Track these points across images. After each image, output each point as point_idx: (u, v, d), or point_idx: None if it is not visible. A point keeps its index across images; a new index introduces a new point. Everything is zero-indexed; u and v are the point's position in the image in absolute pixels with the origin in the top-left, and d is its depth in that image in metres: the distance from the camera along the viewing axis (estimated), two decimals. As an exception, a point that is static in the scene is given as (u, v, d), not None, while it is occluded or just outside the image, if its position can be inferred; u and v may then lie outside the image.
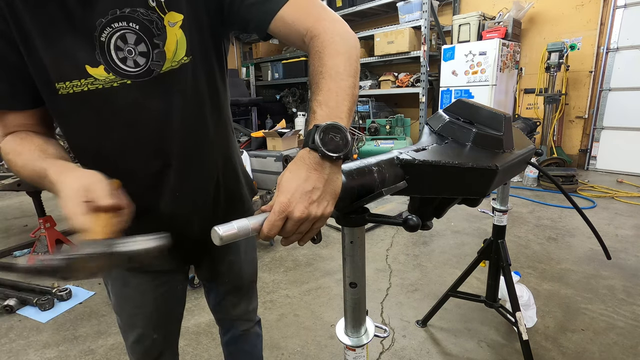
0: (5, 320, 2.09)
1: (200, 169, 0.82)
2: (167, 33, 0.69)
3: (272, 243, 2.95)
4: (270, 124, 6.78)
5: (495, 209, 1.60)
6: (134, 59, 0.68)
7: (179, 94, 0.73)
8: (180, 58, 0.71)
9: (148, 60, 0.69)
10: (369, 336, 0.66)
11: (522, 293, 1.77)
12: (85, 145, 0.75)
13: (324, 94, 0.57)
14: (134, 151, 0.75)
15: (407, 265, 2.53)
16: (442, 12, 5.43)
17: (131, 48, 0.68)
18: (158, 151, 0.75)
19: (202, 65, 0.74)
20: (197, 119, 0.78)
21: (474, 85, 4.46)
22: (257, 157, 4.32)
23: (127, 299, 0.91)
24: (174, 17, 0.69)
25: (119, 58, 0.68)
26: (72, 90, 0.68)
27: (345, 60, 0.60)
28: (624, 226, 3.00)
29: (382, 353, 1.73)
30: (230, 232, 0.47)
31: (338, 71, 0.59)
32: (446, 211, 0.77)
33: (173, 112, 0.73)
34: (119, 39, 0.67)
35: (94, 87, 0.68)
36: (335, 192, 0.52)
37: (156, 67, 0.70)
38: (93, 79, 0.67)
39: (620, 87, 4.39)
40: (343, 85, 0.58)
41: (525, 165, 0.99)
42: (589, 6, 4.38)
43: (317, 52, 0.62)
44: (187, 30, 0.70)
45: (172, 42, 0.69)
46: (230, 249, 1.00)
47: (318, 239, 0.55)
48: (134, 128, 0.73)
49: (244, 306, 1.13)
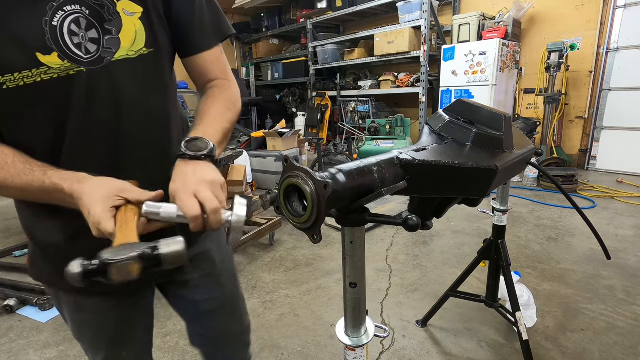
0: (5, 320, 2.09)
1: (159, 163, 0.77)
2: (122, 20, 0.66)
3: (272, 243, 2.95)
4: (270, 124, 6.79)
5: (495, 209, 1.60)
6: (85, 45, 0.64)
7: (137, 86, 0.70)
8: (139, 49, 0.69)
9: (99, 47, 0.65)
10: (369, 336, 0.66)
11: (522, 293, 1.77)
12: (33, 144, 0.66)
13: (206, 125, 0.73)
14: (91, 147, 0.69)
15: (407, 265, 2.53)
16: (442, 12, 5.43)
17: (83, 33, 0.63)
18: (115, 147, 0.70)
19: (160, 59, 0.73)
20: (159, 113, 0.76)
21: (474, 85, 4.46)
22: (257, 157, 4.32)
23: (85, 324, 0.83)
24: (131, 7, 0.67)
25: (73, 44, 0.63)
26: (23, 82, 0.60)
27: (233, 112, 0.80)
28: (624, 226, 3.00)
29: (382, 353, 1.73)
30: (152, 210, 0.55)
31: (224, 113, 0.78)
32: (446, 211, 0.77)
33: (130, 104, 0.70)
34: (73, 23, 0.62)
35: (48, 77, 0.61)
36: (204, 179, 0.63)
37: (107, 55, 0.66)
38: (46, 67, 0.61)
39: (620, 87, 4.39)
40: (224, 126, 0.76)
41: (525, 165, 0.99)
42: (589, 6, 4.38)
43: (213, 96, 0.79)
44: (147, 23, 0.69)
45: (130, 31, 0.67)
46: (202, 258, 0.89)
47: (318, 239, 0.55)
48: (89, 121, 0.67)
49: (237, 327, 1.01)
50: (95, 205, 0.55)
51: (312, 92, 6.61)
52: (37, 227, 0.76)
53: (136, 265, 0.47)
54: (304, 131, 6.36)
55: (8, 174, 0.61)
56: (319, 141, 4.73)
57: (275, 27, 7.34)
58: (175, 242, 0.51)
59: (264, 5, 7.13)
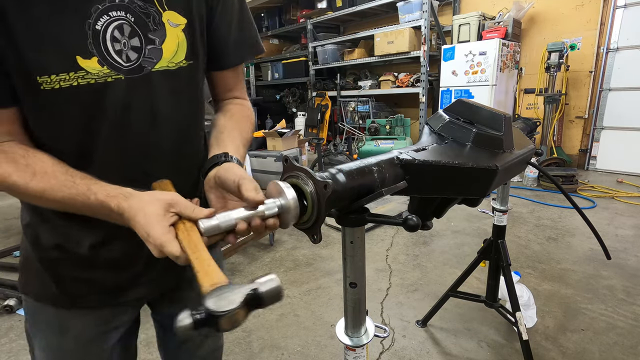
0: (5, 320, 2.09)
1: (185, 180, 0.76)
2: (166, 31, 0.66)
3: (272, 243, 2.95)
4: (270, 124, 6.79)
5: (495, 209, 1.60)
6: (126, 52, 0.63)
7: (172, 97, 0.69)
8: (180, 60, 0.68)
9: (140, 56, 0.64)
10: (369, 336, 0.66)
11: (522, 293, 1.77)
12: (65, 148, 0.64)
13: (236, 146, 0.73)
14: (118, 156, 0.67)
15: (407, 265, 2.53)
16: (442, 12, 5.43)
17: (125, 41, 0.62)
18: (145, 157, 0.69)
19: (197, 72, 0.73)
20: (189, 126, 0.75)
21: (474, 85, 4.46)
22: (257, 157, 4.32)
23: (66, 353, 0.74)
24: (175, 18, 0.66)
25: (115, 50, 0.61)
26: (59, 85, 0.58)
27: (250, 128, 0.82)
28: (624, 226, 3.00)
29: (382, 353, 1.73)
30: (212, 224, 0.50)
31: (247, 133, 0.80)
32: (446, 211, 0.77)
33: (165, 115, 0.69)
34: (117, 29, 0.61)
35: (85, 82, 0.59)
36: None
37: (147, 65, 0.65)
38: (84, 72, 0.59)
39: (620, 87, 4.39)
40: (245, 141, 0.77)
41: (525, 165, 0.99)
42: (589, 6, 4.38)
43: (233, 114, 0.80)
44: (189, 35, 0.68)
45: (173, 43, 0.67)
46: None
47: (318, 239, 0.55)
48: (122, 130, 0.65)
49: (212, 343, 0.96)
50: (154, 226, 0.51)
51: (312, 92, 6.61)
52: (46, 230, 0.71)
53: (243, 312, 0.45)
54: (304, 131, 6.36)
55: (48, 185, 0.57)
56: (319, 141, 4.73)
57: (275, 27, 7.34)
58: (271, 280, 0.48)
59: (264, 5, 7.13)
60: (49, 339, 0.74)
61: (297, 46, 7.24)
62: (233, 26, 0.75)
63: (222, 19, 0.73)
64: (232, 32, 0.75)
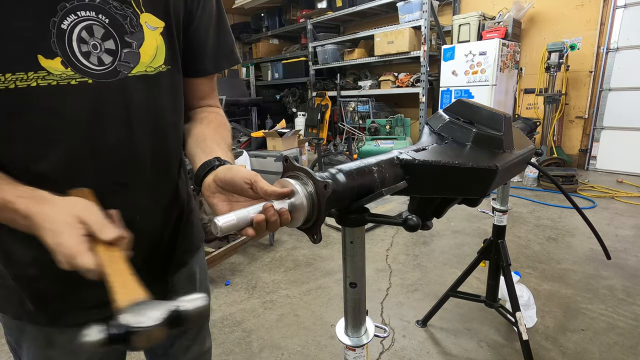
0: (5, 320, 2.09)
1: (167, 183, 0.73)
2: (144, 34, 0.62)
3: (272, 243, 2.95)
4: (270, 124, 6.79)
5: (495, 209, 1.60)
6: (98, 55, 0.58)
7: (151, 103, 0.66)
8: (158, 65, 0.65)
9: (115, 60, 0.60)
10: (369, 336, 0.66)
11: (522, 293, 1.77)
12: (13, 158, 0.57)
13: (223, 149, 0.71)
14: (85, 166, 0.61)
15: (407, 265, 2.53)
16: (442, 12, 5.43)
17: (97, 43, 0.58)
18: (119, 166, 0.65)
19: (176, 76, 0.70)
20: (169, 133, 0.71)
21: (474, 85, 4.46)
22: (257, 157, 4.32)
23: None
24: (154, 21, 0.64)
25: (81, 52, 0.57)
26: (14, 85, 0.53)
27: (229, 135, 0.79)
28: (624, 226, 3.00)
29: (382, 353, 1.73)
30: (230, 223, 0.47)
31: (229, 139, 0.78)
32: (446, 211, 0.77)
33: (142, 122, 0.65)
34: (85, 30, 0.57)
35: (45, 83, 0.55)
36: None
37: (124, 69, 0.61)
38: (45, 72, 0.54)
39: (620, 87, 4.39)
40: (229, 147, 0.75)
41: (525, 165, 0.99)
42: (589, 6, 4.38)
43: (210, 121, 0.78)
44: (167, 38, 0.66)
45: (152, 46, 0.64)
46: (187, 279, 0.86)
47: (318, 239, 0.55)
48: (88, 137, 0.60)
49: (198, 348, 0.94)
50: (62, 236, 0.47)
51: (312, 92, 6.61)
52: (17, 244, 0.64)
53: (162, 330, 0.41)
54: (304, 131, 6.36)
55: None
56: (319, 141, 4.73)
57: (275, 27, 7.34)
58: (197, 299, 0.45)
59: (264, 5, 7.13)
60: (35, 350, 0.70)
61: (297, 46, 7.24)
62: (211, 33, 0.73)
63: (200, 25, 0.71)
64: (210, 38, 0.74)
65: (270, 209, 0.50)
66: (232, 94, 6.48)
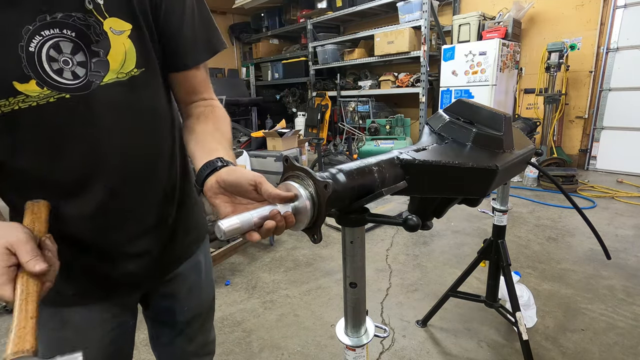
0: (6, 320, 2.09)
1: (154, 192, 0.75)
2: (110, 41, 0.62)
3: (272, 243, 2.95)
4: (270, 124, 6.79)
5: (495, 209, 1.60)
6: (72, 69, 0.60)
7: (128, 109, 0.66)
8: (130, 70, 0.65)
9: (87, 71, 0.61)
10: (369, 336, 0.66)
11: (522, 293, 1.77)
12: (24, 169, 0.62)
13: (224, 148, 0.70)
14: (73, 178, 0.64)
15: (407, 265, 2.53)
16: (442, 12, 5.43)
17: (67, 58, 0.59)
18: (105, 174, 0.67)
19: (153, 79, 0.69)
20: (152, 135, 0.72)
21: (474, 85, 4.46)
22: (257, 157, 4.32)
23: (65, 343, 0.74)
24: (119, 25, 0.62)
25: (53, 70, 0.58)
26: (1, 112, 0.56)
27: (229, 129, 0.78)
28: (624, 226, 3.00)
29: (382, 353, 1.73)
30: (234, 227, 0.47)
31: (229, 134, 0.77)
32: (446, 211, 0.77)
33: (121, 129, 0.66)
34: (52, 49, 0.58)
35: (26, 106, 0.57)
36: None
37: (95, 79, 0.62)
38: (24, 96, 0.57)
39: (620, 87, 4.39)
40: (229, 143, 0.74)
41: (525, 165, 0.99)
42: (589, 6, 4.38)
43: (207, 116, 0.76)
44: (137, 40, 0.65)
45: (119, 52, 0.63)
46: (193, 269, 0.89)
47: (318, 239, 0.55)
48: (74, 151, 0.63)
49: (203, 338, 0.97)
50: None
51: (312, 92, 6.61)
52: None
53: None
54: (304, 131, 6.36)
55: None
56: (319, 141, 4.73)
57: (275, 27, 7.33)
58: (73, 358, 0.46)
59: (264, 5, 7.13)
60: (49, 331, 0.73)
61: (297, 46, 7.24)
62: (186, 23, 0.71)
63: (169, 18, 0.69)
64: (185, 29, 0.71)
65: (277, 215, 0.50)
66: (232, 94, 6.48)
